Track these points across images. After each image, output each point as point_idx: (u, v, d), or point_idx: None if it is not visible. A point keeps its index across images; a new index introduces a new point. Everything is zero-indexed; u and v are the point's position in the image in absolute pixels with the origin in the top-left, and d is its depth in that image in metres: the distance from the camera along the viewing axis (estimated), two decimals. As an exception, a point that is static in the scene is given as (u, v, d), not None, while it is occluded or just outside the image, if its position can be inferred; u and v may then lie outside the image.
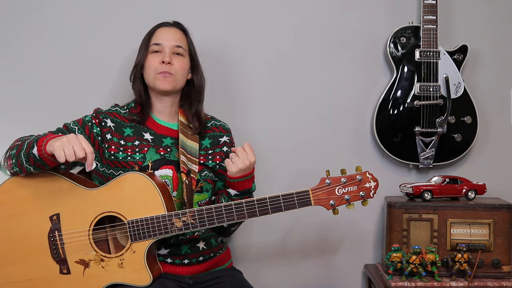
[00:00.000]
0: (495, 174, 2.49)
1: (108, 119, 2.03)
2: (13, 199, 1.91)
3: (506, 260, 2.27)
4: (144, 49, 2.08)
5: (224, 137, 2.15)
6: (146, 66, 2.07)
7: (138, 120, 2.05)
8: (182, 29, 2.13)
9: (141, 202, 1.87)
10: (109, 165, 2.00)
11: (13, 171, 1.90)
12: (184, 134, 2.06)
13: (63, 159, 1.73)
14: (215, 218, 1.86)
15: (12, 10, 2.37)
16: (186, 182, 1.99)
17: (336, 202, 1.87)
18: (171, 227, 1.86)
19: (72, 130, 1.98)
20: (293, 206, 1.86)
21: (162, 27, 2.11)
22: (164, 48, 2.06)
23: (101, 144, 2.00)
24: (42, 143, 1.79)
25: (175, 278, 1.99)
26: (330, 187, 1.87)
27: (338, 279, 2.53)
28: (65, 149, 1.73)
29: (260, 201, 1.85)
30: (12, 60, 2.37)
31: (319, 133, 2.50)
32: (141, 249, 1.86)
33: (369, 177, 1.88)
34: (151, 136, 2.04)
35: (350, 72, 2.50)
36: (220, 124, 2.18)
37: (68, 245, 1.89)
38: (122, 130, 2.03)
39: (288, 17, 2.48)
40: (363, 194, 1.87)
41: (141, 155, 2.00)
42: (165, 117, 2.10)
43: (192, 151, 2.05)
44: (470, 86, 2.45)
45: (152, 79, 2.05)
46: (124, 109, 2.09)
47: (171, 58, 2.04)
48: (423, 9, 2.38)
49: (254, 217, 1.86)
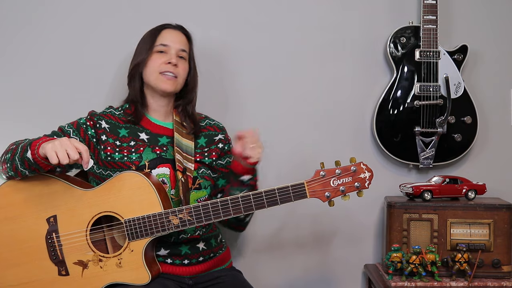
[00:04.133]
0: (495, 174, 2.49)
1: (102, 121, 2.03)
2: (9, 203, 1.91)
3: (506, 260, 2.27)
4: (147, 48, 2.06)
5: (219, 135, 2.16)
6: (148, 65, 2.05)
7: (133, 121, 2.05)
8: (186, 34, 2.13)
9: (137, 201, 1.87)
10: (105, 167, 2.00)
11: (9, 175, 1.90)
12: (179, 133, 2.07)
13: (56, 161, 1.73)
14: (211, 213, 1.86)
15: (10, 10, 2.37)
16: (182, 180, 1.99)
17: (331, 193, 1.86)
18: (168, 224, 1.86)
19: (67, 132, 1.99)
20: (289, 199, 1.86)
21: (168, 29, 2.10)
22: (170, 49, 2.06)
23: (96, 146, 2.00)
24: (35, 146, 1.79)
25: (175, 278, 1.99)
26: (325, 179, 1.87)
27: (338, 279, 2.53)
28: (57, 152, 1.73)
29: (256, 195, 1.86)
30: (9, 60, 2.38)
31: (319, 133, 2.50)
32: (139, 247, 1.87)
33: (363, 167, 1.87)
34: (147, 135, 2.05)
35: (350, 72, 2.50)
36: (214, 123, 2.19)
37: (66, 246, 1.89)
38: (117, 131, 2.03)
39: (288, 17, 2.48)
40: (358, 185, 1.86)
41: (138, 155, 2.00)
42: (160, 116, 2.11)
43: (187, 150, 2.06)
44: (470, 86, 2.45)
45: (154, 79, 2.04)
46: (119, 110, 2.09)
47: (177, 60, 2.05)
48: (423, 9, 2.38)
49: (250, 211, 1.86)
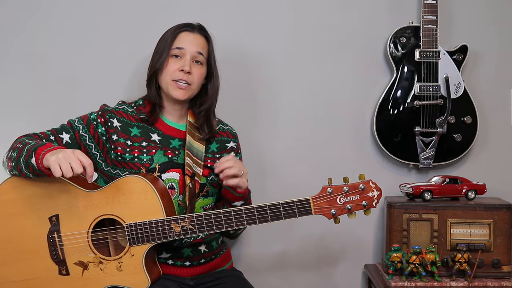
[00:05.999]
0: (495, 174, 2.49)
1: (114, 119, 1.99)
2: (13, 199, 1.90)
3: (506, 260, 2.27)
4: (165, 51, 2.00)
5: (231, 142, 2.13)
6: (163, 71, 2.00)
7: (147, 120, 2.01)
8: (205, 36, 2.06)
9: (140, 206, 1.85)
10: (115, 165, 1.98)
11: (13, 173, 1.90)
12: (191, 135, 2.04)
13: (59, 174, 1.71)
14: (214, 224, 1.84)
15: (11, 10, 2.37)
16: (190, 186, 1.96)
17: (337, 211, 1.82)
18: (170, 232, 1.84)
19: (76, 129, 1.97)
20: (293, 214, 1.82)
21: (185, 32, 2.03)
22: (185, 53, 2.00)
23: (106, 144, 1.98)
24: (39, 155, 1.77)
25: (176, 279, 1.99)
26: (331, 196, 1.83)
27: (338, 279, 2.53)
28: (61, 165, 1.71)
29: (259, 209, 1.82)
30: (9, 60, 2.37)
31: (319, 133, 2.50)
32: (140, 253, 1.86)
33: (372, 186, 1.83)
34: (159, 137, 2.01)
35: (350, 72, 2.50)
36: (227, 129, 2.15)
37: (67, 246, 1.88)
38: (129, 130, 1.99)
39: (288, 17, 2.48)
40: (366, 203, 1.82)
41: (149, 157, 1.97)
42: (174, 118, 2.07)
43: (198, 154, 2.03)
44: (470, 86, 2.45)
45: (167, 85, 2.00)
46: (132, 106, 2.04)
47: (191, 67, 1.99)
48: (423, 9, 2.38)
49: (253, 224, 1.82)
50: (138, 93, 2.13)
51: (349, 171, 1.92)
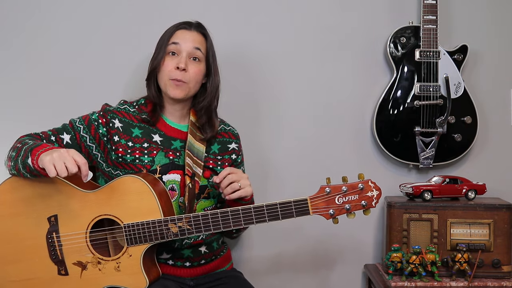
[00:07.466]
0: (495, 174, 2.49)
1: (116, 119, 1.98)
2: (12, 199, 1.91)
3: (506, 260, 2.27)
4: (161, 50, 2.00)
5: (233, 143, 2.12)
6: (160, 69, 1.99)
7: (148, 120, 1.99)
8: (203, 33, 2.04)
9: (137, 206, 1.84)
10: (115, 166, 1.97)
11: (12, 172, 1.90)
12: (193, 135, 2.02)
13: (54, 174, 1.70)
14: (211, 224, 1.83)
15: (12, 8, 2.37)
16: (189, 186, 1.96)
17: (335, 211, 1.80)
18: (167, 232, 1.83)
19: (77, 130, 1.96)
20: (291, 214, 1.80)
21: (182, 29, 2.02)
22: (181, 50, 1.98)
23: (106, 145, 1.97)
24: (34, 155, 1.76)
25: (176, 279, 1.99)
26: (329, 196, 1.80)
27: (338, 279, 2.53)
28: (56, 165, 1.70)
29: (257, 209, 1.81)
30: (9, 60, 2.38)
31: (319, 133, 2.50)
32: (138, 253, 1.85)
33: (371, 185, 1.80)
34: (160, 138, 2.00)
35: (350, 72, 2.50)
36: (229, 129, 2.14)
37: (66, 246, 1.88)
38: (131, 130, 1.98)
39: (288, 17, 2.48)
40: (365, 203, 1.80)
41: (150, 159, 1.96)
42: (175, 118, 2.06)
43: (198, 154, 2.01)
44: (470, 86, 2.44)
45: (164, 85, 1.99)
46: (133, 106, 2.03)
47: (186, 64, 1.97)
48: (423, 9, 2.38)
49: (250, 224, 1.81)
50: (138, 93, 2.13)
51: (349, 171, 1.91)
